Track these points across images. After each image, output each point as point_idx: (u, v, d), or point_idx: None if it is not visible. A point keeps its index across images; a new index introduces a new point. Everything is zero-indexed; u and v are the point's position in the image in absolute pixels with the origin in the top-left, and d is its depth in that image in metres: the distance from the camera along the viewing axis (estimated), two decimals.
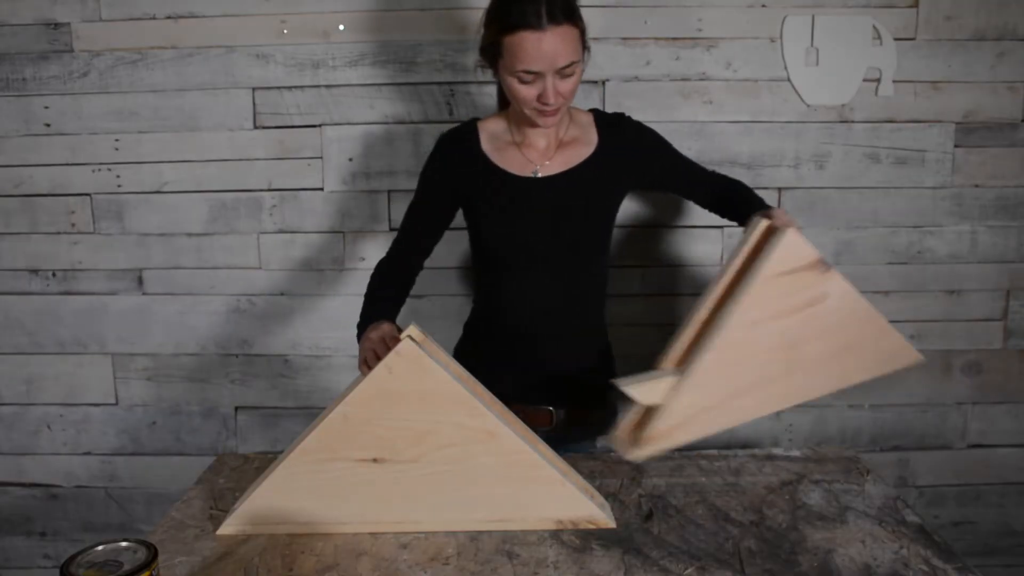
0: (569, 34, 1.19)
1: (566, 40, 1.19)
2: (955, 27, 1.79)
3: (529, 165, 1.36)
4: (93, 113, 1.82)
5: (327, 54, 1.79)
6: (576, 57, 1.22)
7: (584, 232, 1.37)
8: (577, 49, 1.22)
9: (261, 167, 1.84)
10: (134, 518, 1.99)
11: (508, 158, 1.37)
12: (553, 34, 1.17)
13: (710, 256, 1.88)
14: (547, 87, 1.21)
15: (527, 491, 1.09)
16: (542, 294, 1.37)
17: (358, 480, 1.07)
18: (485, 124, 1.41)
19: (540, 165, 1.36)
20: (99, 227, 1.87)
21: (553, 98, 1.22)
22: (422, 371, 1.04)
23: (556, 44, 1.18)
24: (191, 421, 1.96)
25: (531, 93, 1.23)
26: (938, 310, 1.91)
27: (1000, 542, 2.02)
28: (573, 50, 1.21)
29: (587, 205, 1.36)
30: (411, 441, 1.06)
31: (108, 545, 0.85)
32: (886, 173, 1.85)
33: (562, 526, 1.10)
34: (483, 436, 1.07)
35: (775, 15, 1.78)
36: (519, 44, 1.18)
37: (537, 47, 1.18)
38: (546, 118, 1.27)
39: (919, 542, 1.06)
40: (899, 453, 1.97)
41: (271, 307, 1.90)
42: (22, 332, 1.92)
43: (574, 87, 1.25)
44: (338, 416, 1.05)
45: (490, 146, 1.38)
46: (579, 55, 1.23)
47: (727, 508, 1.15)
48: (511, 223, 1.35)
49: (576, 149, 1.37)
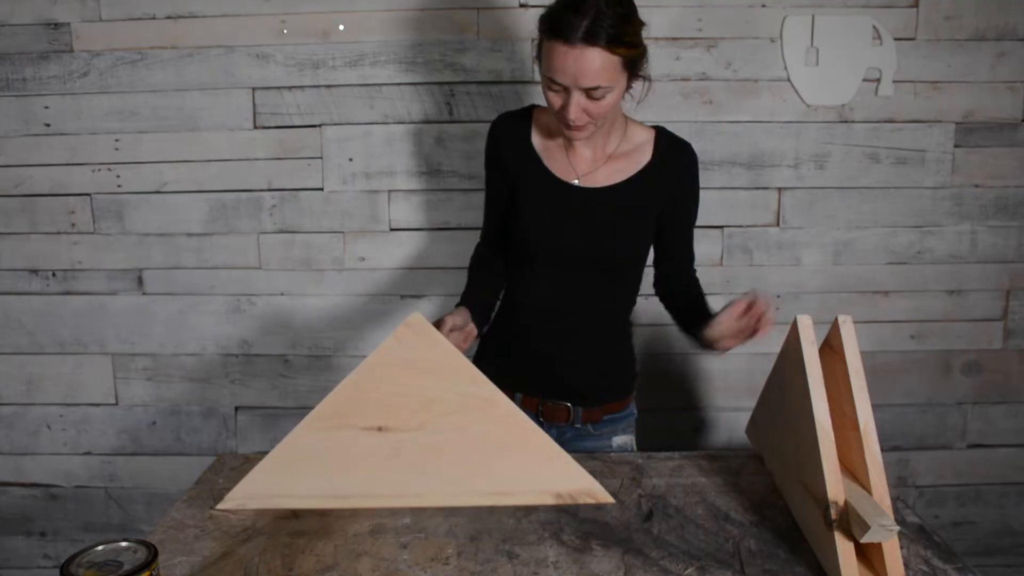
0: (602, 58, 1.16)
1: (596, 63, 1.16)
2: (955, 27, 1.79)
3: (573, 171, 1.35)
4: (93, 113, 1.82)
5: (327, 54, 1.79)
6: (606, 82, 1.18)
7: (618, 247, 1.35)
8: (611, 75, 1.18)
9: (261, 167, 1.84)
10: (134, 518, 2.00)
11: (555, 158, 1.36)
12: (583, 53, 1.15)
13: (710, 256, 1.88)
14: (570, 102, 1.20)
15: (527, 462, 1.12)
16: (568, 295, 1.37)
17: (362, 450, 1.09)
18: (541, 114, 1.39)
19: (583, 175, 1.34)
20: (99, 227, 1.87)
21: (574, 114, 1.21)
22: (429, 342, 1.11)
23: (583, 64, 1.16)
24: (191, 421, 1.96)
25: (556, 102, 1.23)
26: (938, 310, 1.91)
27: (1000, 542, 2.02)
28: (604, 75, 1.17)
29: (624, 223, 1.34)
30: (416, 409, 1.11)
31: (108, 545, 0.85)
32: (886, 173, 1.85)
33: (561, 500, 1.11)
34: (484, 404, 1.12)
35: (775, 15, 1.78)
36: (550, 51, 1.18)
37: (563, 61, 1.16)
38: (570, 131, 1.26)
39: (919, 542, 1.06)
40: (899, 453, 1.97)
41: (271, 307, 1.90)
42: (22, 332, 1.92)
43: (604, 110, 1.22)
44: (348, 383, 1.10)
45: (540, 141, 1.37)
46: (612, 80, 1.19)
47: (727, 508, 1.15)
48: (545, 224, 1.35)
49: (624, 164, 1.35)
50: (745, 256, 1.88)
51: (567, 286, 1.36)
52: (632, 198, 1.34)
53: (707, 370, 1.94)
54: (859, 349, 1.03)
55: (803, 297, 1.90)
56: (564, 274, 1.36)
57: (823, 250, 1.89)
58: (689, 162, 1.38)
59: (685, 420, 1.96)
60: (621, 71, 1.20)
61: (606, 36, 1.15)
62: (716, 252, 1.88)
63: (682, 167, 1.37)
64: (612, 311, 1.42)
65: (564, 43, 1.15)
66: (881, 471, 0.97)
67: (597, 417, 1.43)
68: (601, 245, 1.34)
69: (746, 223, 1.87)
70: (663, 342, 1.91)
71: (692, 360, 1.94)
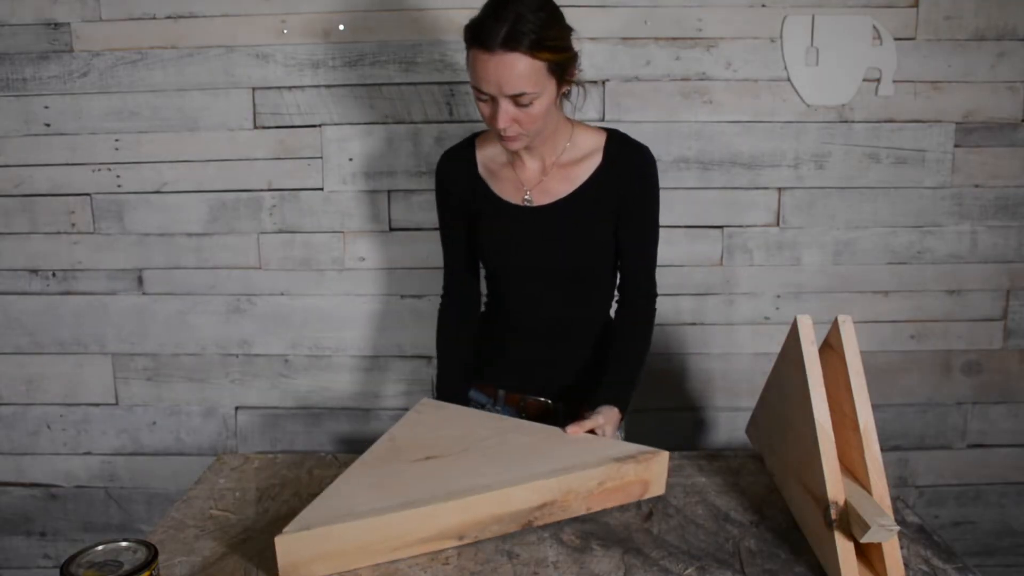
0: (524, 64, 1.13)
1: (518, 69, 1.13)
2: (955, 27, 1.79)
3: (521, 190, 1.33)
4: (93, 113, 1.82)
5: (327, 54, 1.79)
6: (531, 88, 1.15)
7: (580, 258, 1.34)
8: (535, 81, 1.15)
9: (261, 167, 1.84)
10: (134, 518, 1.99)
11: (503, 179, 1.34)
12: (503, 60, 1.12)
13: (710, 256, 1.88)
14: (498, 111, 1.17)
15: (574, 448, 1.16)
16: (542, 305, 1.37)
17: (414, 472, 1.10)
18: (483, 141, 1.38)
19: (532, 190, 1.32)
20: (99, 227, 1.87)
21: (503, 123, 1.17)
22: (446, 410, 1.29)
23: (504, 71, 1.13)
24: (191, 421, 1.96)
25: (486, 111, 1.20)
26: (938, 310, 1.91)
27: (1000, 542, 2.02)
28: (528, 81, 1.14)
29: (580, 233, 1.32)
30: (456, 440, 1.19)
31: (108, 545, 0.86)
32: (886, 173, 1.85)
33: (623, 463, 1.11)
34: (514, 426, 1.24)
35: (775, 15, 1.78)
36: (474, 60, 1.16)
37: (485, 68, 1.14)
38: (505, 142, 1.23)
39: (919, 542, 1.06)
40: (899, 453, 1.97)
41: (271, 307, 1.90)
42: (22, 332, 1.92)
43: (535, 118, 1.19)
44: (386, 438, 1.19)
45: (486, 168, 1.36)
46: (538, 87, 1.15)
47: (727, 508, 1.15)
48: (502, 248, 1.35)
49: (573, 172, 1.32)
50: (745, 256, 1.88)
51: (539, 297, 1.36)
52: (583, 206, 1.31)
53: (707, 370, 1.94)
54: (859, 349, 1.03)
55: (803, 297, 1.90)
56: (534, 287, 1.36)
57: (823, 250, 1.89)
58: (641, 162, 1.32)
59: (685, 420, 1.96)
60: (547, 76, 1.16)
61: (527, 41, 1.12)
62: (716, 252, 1.88)
63: (632, 167, 1.32)
64: (590, 315, 1.41)
65: (484, 50, 1.13)
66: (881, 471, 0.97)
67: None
68: (559, 259, 1.32)
69: (746, 223, 1.87)
70: (662, 342, 1.91)
71: (692, 360, 1.94)
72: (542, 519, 1.08)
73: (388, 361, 1.93)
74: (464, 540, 1.04)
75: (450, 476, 1.08)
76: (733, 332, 1.92)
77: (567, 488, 1.08)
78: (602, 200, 1.31)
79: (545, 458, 1.13)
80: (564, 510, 1.09)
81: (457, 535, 1.03)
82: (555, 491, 1.08)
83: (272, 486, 1.22)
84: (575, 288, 1.36)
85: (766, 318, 1.91)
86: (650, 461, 1.14)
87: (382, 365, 1.93)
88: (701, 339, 1.92)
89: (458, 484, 1.05)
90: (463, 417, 1.26)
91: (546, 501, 1.07)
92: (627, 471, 1.12)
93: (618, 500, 1.13)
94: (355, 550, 0.98)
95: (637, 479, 1.13)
